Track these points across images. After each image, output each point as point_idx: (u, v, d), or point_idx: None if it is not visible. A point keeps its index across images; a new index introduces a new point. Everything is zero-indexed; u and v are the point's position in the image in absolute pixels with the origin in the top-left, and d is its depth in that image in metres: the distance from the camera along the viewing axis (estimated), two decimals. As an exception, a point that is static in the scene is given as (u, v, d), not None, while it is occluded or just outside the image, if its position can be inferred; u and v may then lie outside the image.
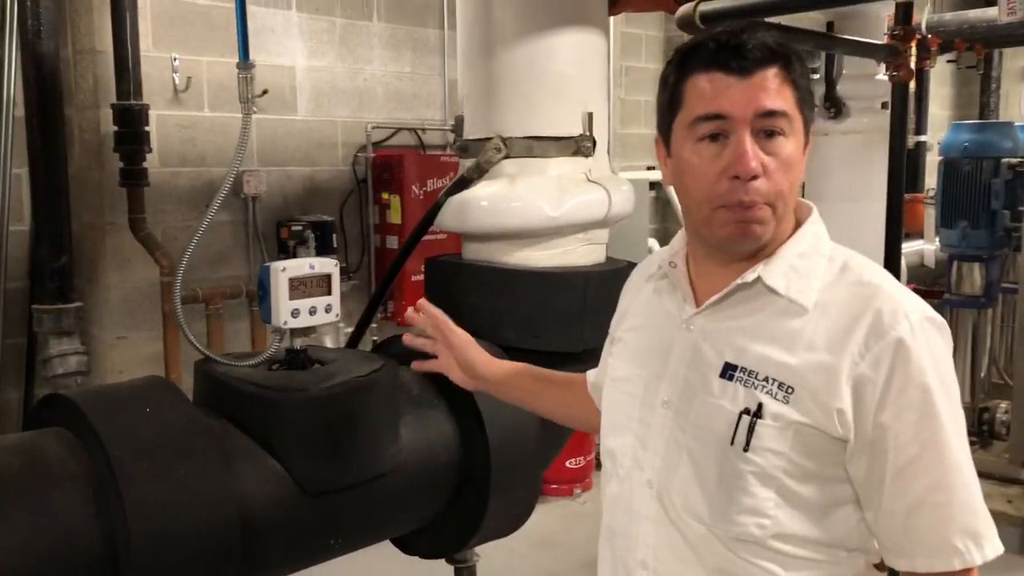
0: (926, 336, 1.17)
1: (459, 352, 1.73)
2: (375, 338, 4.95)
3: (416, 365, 1.81)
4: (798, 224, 1.28)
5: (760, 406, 1.19)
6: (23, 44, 2.71)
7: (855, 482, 1.20)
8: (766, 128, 1.19)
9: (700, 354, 1.27)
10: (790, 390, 1.18)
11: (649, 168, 7.05)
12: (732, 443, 1.20)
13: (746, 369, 1.22)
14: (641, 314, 1.42)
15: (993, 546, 1.18)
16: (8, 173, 4.19)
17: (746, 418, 1.20)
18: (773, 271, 1.24)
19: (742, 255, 1.26)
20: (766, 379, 1.20)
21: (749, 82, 1.18)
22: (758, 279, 1.24)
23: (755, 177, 1.18)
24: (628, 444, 1.34)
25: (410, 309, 1.79)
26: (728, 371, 1.23)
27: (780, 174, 1.20)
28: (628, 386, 1.37)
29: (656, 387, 1.32)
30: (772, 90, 1.19)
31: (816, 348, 1.18)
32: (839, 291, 1.21)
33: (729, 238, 1.23)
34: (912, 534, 1.18)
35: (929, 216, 5.86)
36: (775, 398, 1.19)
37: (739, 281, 1.25)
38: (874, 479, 1.18)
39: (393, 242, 5.24)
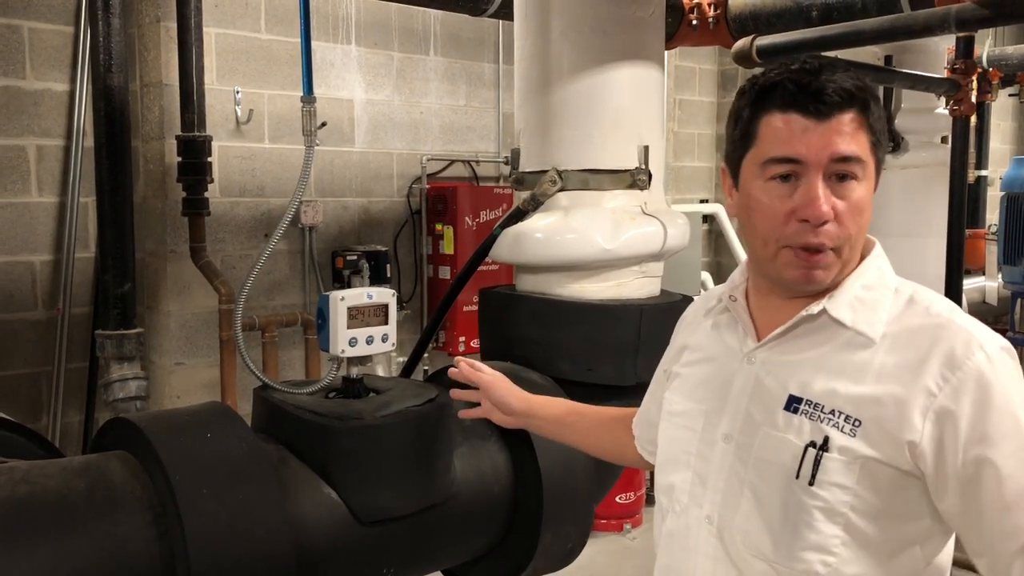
0: (1004, 365, 1.14)
1: (489, 392, 1.77)
2: (426, 368, 4.98)
3: (462, 413, 1.87)
4: (862, 258, 1.27)
5: (827, 439, 1.17)
6: (94, 78, 2.79)
7: (952, 523, 1.16)
8: (839, 172, 1.18)
9: (763, 387, 1.26)
10: (857, 423, 1.16)
11: (702, 201, 7.03)
12: (797, 477, 1.18)
13: (811, 402, 1.20)
14: (700, 349, 1.41)
15: None
16: (76, 202, 4.34)
17: (812, 451, 1.17)
18: (838, 303, 1.22)
19: (808, 293, 1.25)
20: (832, 412, 1.18)
21: (827, 126, 1.17)
22: (823, 311, 1.22)
23: (825, 222, 1.18)
24: (686, 479, 1.32)
25: (451, 369, 1.84)
26: (793, 404, 1.21)
27: (850, 218, 1.19)
28: (686, 420, 1.36)
29: (716, 421, 1.30)
30: (848, 135, 1.17)
31: (885, 380, 1.16)
32: (907, 323, 1.19)
33: (792, 280, 1.23)
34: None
35: (991, 252, 5.75)
36: (842, 431, 1.16)
37: (804, 313, 1.23)
38: (975, 517, 1.13)
39: (446, 272, 5.28)
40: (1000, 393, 1.12)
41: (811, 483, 1.17)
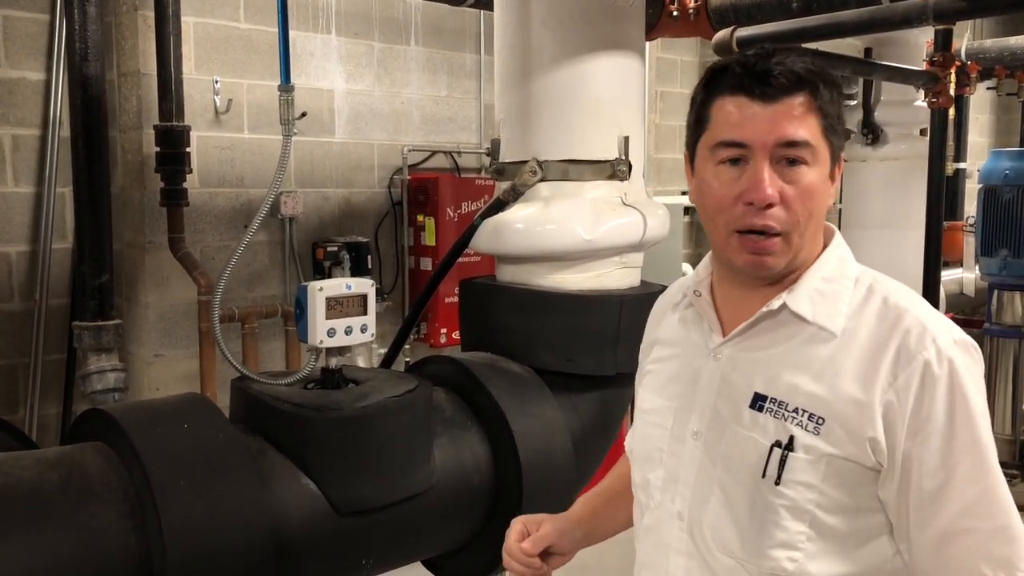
0: (954, 360, 1.14)
1: (562, 550, 1.55)
2: (408, 359, 4.97)
3: None
4: (825, 247, 1.27)
5: (792, 439, 1.17)
6: (70, 66, 2.76)
7: (888, 510, 1.18)
8: (788, 156, 1.18)
9: (729, 384, 1.26)
10: (820, 421, 1.16)
11: (683, 193, 7.04)
12: (764, 476, 1.18)
13: (776, 400, 1.20)
14: (669, 344, 1.40)
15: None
16: (53, 192, 4.29)
17: (777, 451, 1.18)
18: (798, 297, 1.22)
19: (763, 281, 1.25)
20: (796, 410, 1.18)
21: (774, 109, 1.17)
22: (783, 306, 1.22)
23: (770, 205, 1.17)
24: (659, 476, 1.32)
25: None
26: (758, 401, 1.21)
27: (798, 203, 1.18)
28: (657, 417, 1.35)
29: (685, 418, 1.30)
30: (796, 118, 1.17)
31: (845, 377, 1.16)
32: (867, 315, 1.20)
33: (742, 266, 1.23)
34: (943, 564, 1.15)
35: (969, 244, 5.80)
36: (806, 429, 1.17)
37: (765, 309, 1.23)
38: (903, 508, 1.16)
39: (427, 264, 5.27)
40: (943, 389, 1.13)
41: (777, 482, 1.17)
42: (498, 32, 2.70)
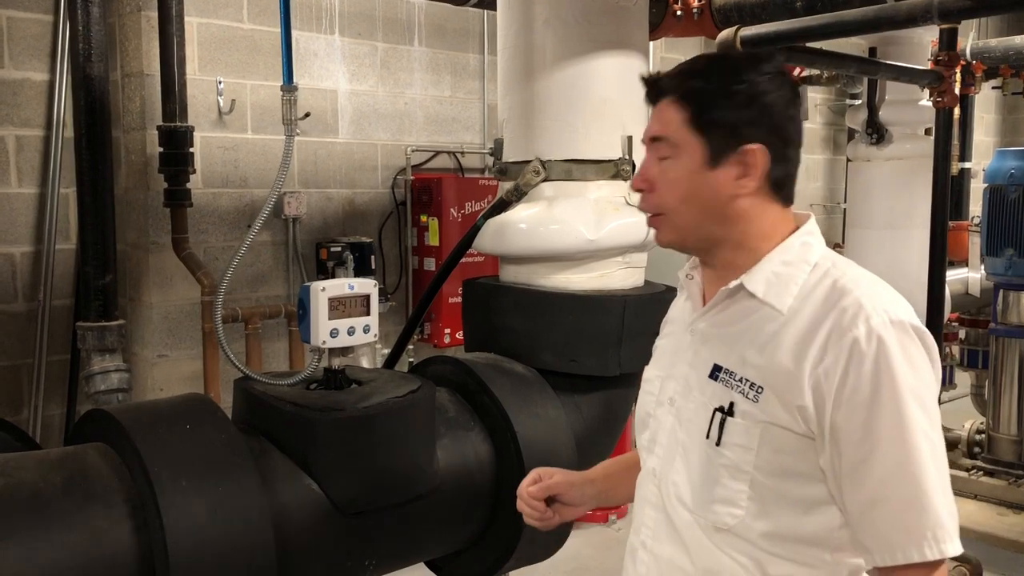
0: (884, 338, 1.21)
1: (572, 501, 1.70)
2: (411, 360, 4.97)
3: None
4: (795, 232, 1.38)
5: (732, 404, 1.31)
6: (73, 67, 2.76)
7: (827, 480, 1.26)
8: (654, 150, 1.37)
9: (698, 356, 1.40)
10: (760, 390, 1.28)
11: (687, 193, 7.02)
12: (707, 437, 1.33)
13: (728, 371, 1.33)
14: (671, 323, 1.56)
15: (942, 548, 1.20)
16: (57, 193, 4.30)
17: (719, 415, 1.32)
18: (755, 277, 1.34)
19: (711, 264, 1.41)
20: (741, 380, 1.31)
21: (654, 112, 1.38)
22: (740, 286, 1.34)
23: (640, 190, 1.39)
24: (645, 438, 1.49)
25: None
26: (715, 372, 1.35)
27: (666, 190, 1.36)
28: (649, 386, 1.51)
29: (667, 386, 1.45)
30: (658, 118, 1.37)
31: (783, 350, 1.27)
32: (814, 295, 1.29)
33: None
34: (867, 530, 1.24)
35: (974, 244, 5.77)
36: (747, 397, 1.29)
37: (723, 288, 1.36)
38: (834, 477, 1.25)
39: (431, 264, 5.27)
40: (869, 366, 1.21)
41: (718, 443, 1.31)
42: (501, 32, 2.70)
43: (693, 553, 1.35)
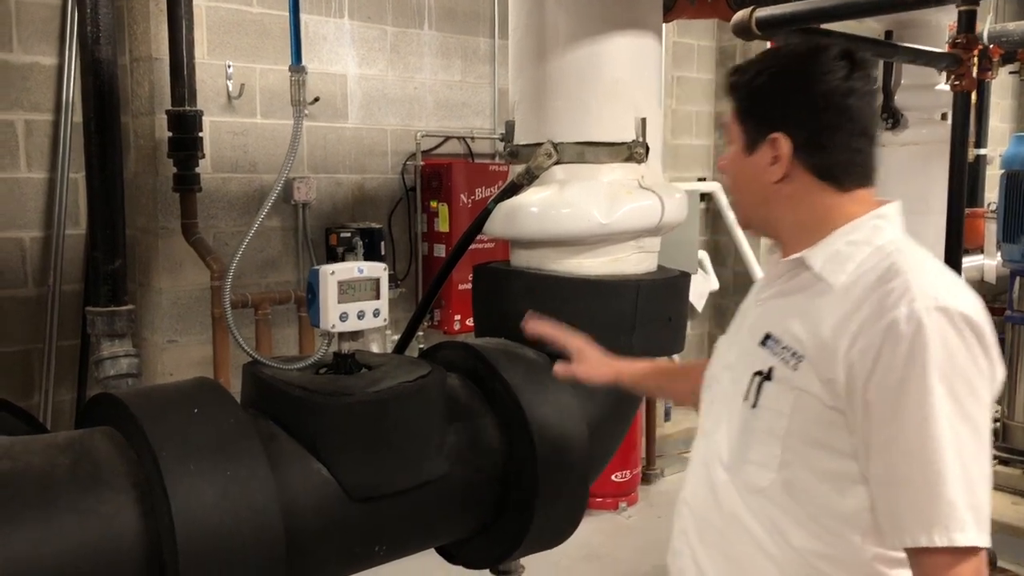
0: (924, 322, 1.22)
1: (588, 358, 2.02)
2: (421, 346, 4.95)
3: (558, 369, 2.04)
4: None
5: (771, 369, 1.38)
6: (82, 51, 2.73)
7: (858, 457, 1.29)
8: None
9: (756, 324, 1.47)
10: (800, 358, 1.34)
11: (700, 179, 6.97)
12: (745, 399, 1.41)
13: (775, 338, 1.40)
14: (751, 294, 1.63)
15: (951, 536, 1.19)
16: (66, 178, 4.28)
17: (758, 378, 1.39)
18: (816, 252, 1.39)
19: (779, 244, 1.49)
20: (785, 347, 1.37)
21: None
22: (801, 259, 1.40)
23: (723, 170, 1.54)
24: (707, 399, 1.58)
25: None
26: (765, 339, 1.42)
27: (728, 175, 1.52)
28: (717, 353, 1.61)
29: (730, 351, 1.55)
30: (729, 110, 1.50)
31: (826, 323, 1.31)
32: (868, 275, 1.32)
33: None
34: (882, 509, 1.27)
35: (990, 231, 5.71)
36: (787, 364, 1.35)
37: (786, 259, 1.43)
38: (862, 454, 1.28)
39: (441, 250, 5.24)
40: (905, 348, 1.22)
41: (754, 406, 1.39)
42: (513, 11, 2.66)
43: (724, 511, 1.42)
